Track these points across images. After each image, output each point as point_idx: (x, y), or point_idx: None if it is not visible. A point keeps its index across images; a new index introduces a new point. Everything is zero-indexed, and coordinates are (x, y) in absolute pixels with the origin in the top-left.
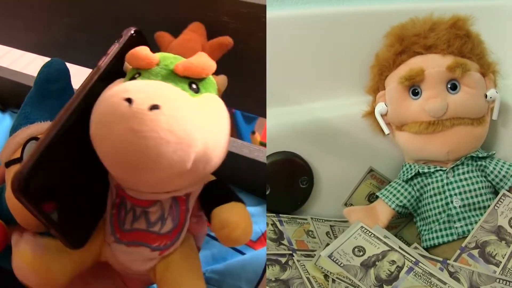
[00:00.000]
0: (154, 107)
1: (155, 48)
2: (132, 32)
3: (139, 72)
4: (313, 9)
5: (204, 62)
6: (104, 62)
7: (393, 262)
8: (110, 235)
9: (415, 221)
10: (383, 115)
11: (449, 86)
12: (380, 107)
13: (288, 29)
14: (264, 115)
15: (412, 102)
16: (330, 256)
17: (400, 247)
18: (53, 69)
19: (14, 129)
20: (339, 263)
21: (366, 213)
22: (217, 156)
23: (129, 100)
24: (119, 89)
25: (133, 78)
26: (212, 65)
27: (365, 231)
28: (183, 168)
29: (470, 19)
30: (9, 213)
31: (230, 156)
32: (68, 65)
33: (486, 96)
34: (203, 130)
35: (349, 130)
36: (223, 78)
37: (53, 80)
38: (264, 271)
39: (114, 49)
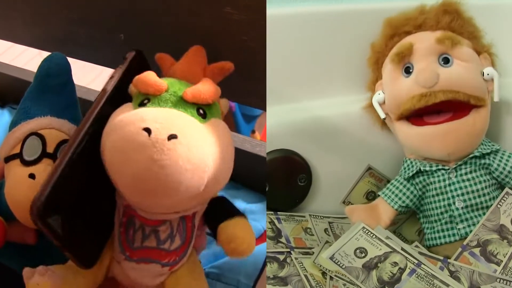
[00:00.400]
0: (172, 136)
1: (153, 65)
2: (134, 53)
3: (148, 98)
4: (313, 7)
5: (211, 89)
6: (110, 85)
7: (395, 263)
8: (120, 254)
9: (419, 218)
10: (381, 104)
11: (441, 60)
12: (377, 95)
13: (287, 27)
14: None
15: (405, 80)
16: (331, 258)
17: (402, 249)
18: (54, 63)
19: (13, 124)
20: (340, 265)
21: (368, 212)
22: (224, 178)
23: (147, 130)
24: (135, 118)
25: (142, 103)
26: (218, 91)
27: (367, 232)
28: (197, 191)
29: (459, 2)
30: (8, 209)
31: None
32: (68, 60)
33: (483, 74)
34: (213, 155)
35: (348, 128)
36: (225, 102)
37: (53, 74)
38: (264, 265)
39: (119, 72)
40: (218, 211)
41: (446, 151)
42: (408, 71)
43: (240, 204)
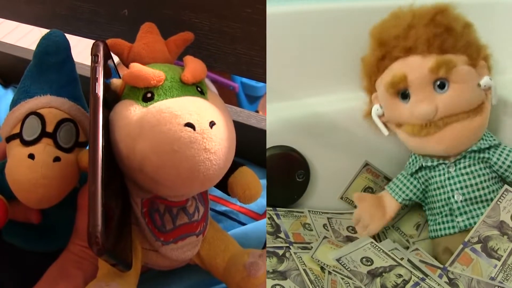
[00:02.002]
0: (212, 123)
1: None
2: (103, 46)
3: (150, 91)
4: (311, 5)
5: (201, 65)
6: (99, 89)
7: (400, 275)
8: (155, 242)
9: (424, 210)
10: (380, 116)
11: (437, 85)
12: (375, 109)
13: (286, 25)
14: None
15: (403, 106)
16: (338, 260)
17: (407, 262)
18: (52, 41)
19: (13, 104)
20: (346, 267)
21: (375, 202)
22: (235, 144)
23: (189, 125)
24: (167, 116)
25: (145, 97)
26: (204, 65)
27: (374, 246)
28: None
29: (449, 9)
30: (10, 189)
31: (238, 127)
32: (71, 36)
33: (479, 85)
34: (231, 123)
35: (345, 124)
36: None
37: (51, 52)
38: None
39: (99, 71)
40: None
41: (443, 147)
42: (405, 95)
43: None
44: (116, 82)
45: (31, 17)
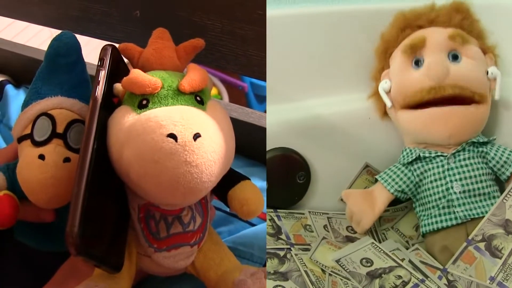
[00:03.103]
0: (197, 136)
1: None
2: (111, 50)
3: (146, 98)
4: (311, 8)
5: (202, 74)
6: (99, 92)
7: (399, 277)
8: (148, 248)
9: (414, 207)
10: (386, 93)
11: (450, 56)
12: (384, 83)
13: (286, 28)
14: None
15: (415, 72)
16: (337, 261)
17: (408, 263)
18: (63, 43)
19: (25, 104)
20: (345, 268)
21: (363, 196)
22: (233, 154)
23: (172, 136)
24: (152, 125)
25: (141, 104)
26: (207, 74)
27: (375, 246)
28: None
29: (467, 3)
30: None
31: (249, 128)
32: (83, 38)
33: (487, 73)
34: (223, 137)
35: (346, 126)
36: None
37: (62, 54)
38: None
39: (102, 75)
40: (223, 180)
41: (448, 132)
42: (417, 63)
43: (256, 182)
44: (117, 87)
45: (42, 18)
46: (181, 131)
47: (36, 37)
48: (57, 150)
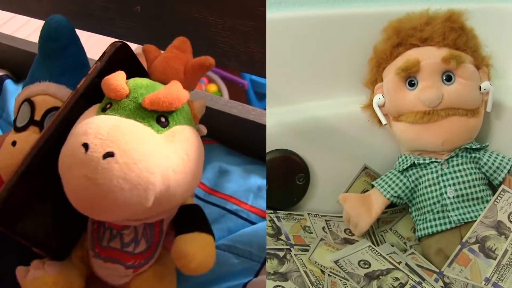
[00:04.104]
0: (108, 154)
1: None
2: (117, 47)
3: (110, 103)
4: (311, 10)
5: (172, 94)
6: (82, 85)
7: (397, 279)
8: (90, 250)
9: (410, 212)
10: (380, 106)
11: (444, 77)
12: (377, 99)
13: (286, 30)
14: None
15: (409, 93)
16: (336, 262)
17: (405, 266)
18: (52, 27)
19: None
20: (343, 269)
21: (360, 200)
22: (184, 190)
23: (85, 146)
24: (80, 130)
25: (105, 107)
26: (182, 97)
27: (372, 249)
28: (143, 208)
29: (464, 14)
30: None
31: (249, 125)
32: (84, 33)
33: (480, 88)
34: (165, 168)
35: (345, 128)
36: (200, 104)
37: (51, 38)
38: None
39: (94, 67)
40: (182, 222)
41: (441, 138)
42: (411, 84)
43: (256, 180)
44: (102, 85)
45: (42, 13)
46: (96, 144)
47: (36, 32)
48: (31, 138)
